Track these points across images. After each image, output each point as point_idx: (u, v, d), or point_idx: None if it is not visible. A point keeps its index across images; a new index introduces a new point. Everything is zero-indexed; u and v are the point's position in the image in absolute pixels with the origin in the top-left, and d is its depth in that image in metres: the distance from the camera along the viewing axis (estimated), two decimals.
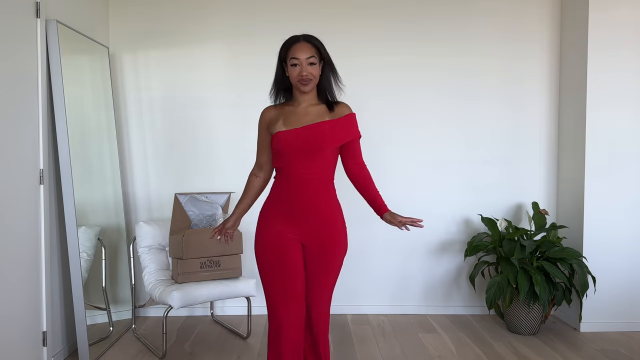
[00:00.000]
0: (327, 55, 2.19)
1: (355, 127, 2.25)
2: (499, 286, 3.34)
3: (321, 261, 2.21)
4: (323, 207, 2.20)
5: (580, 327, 3.53)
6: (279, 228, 2.19)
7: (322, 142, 2.15)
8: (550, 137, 3.87)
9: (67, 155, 2.88)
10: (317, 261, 2.21)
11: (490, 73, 3.83)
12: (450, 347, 3.25)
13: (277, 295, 2.17)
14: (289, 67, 2.15)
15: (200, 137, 3.81)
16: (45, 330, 2.78)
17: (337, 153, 2.25)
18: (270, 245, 2.20)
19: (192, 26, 3.77)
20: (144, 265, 3.30)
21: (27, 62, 2.66)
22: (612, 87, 3.48)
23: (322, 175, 2.20)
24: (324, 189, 2.21)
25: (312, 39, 2.17)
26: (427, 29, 3.80)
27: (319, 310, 2.27)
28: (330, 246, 2.21)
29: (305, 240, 2.20)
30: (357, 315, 3.84)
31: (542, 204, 3.87)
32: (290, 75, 2.17)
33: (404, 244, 3.89)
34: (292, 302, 2.16)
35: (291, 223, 2.18)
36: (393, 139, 3.84)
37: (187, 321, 3.74)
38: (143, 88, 3.79)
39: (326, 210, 2.21)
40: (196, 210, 3.30)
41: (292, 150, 2.15)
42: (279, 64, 2.23)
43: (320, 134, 2.15)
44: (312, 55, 2.13)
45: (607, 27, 3.44)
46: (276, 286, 2.18)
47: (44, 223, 2.76)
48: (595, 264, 3.52)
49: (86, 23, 3.37)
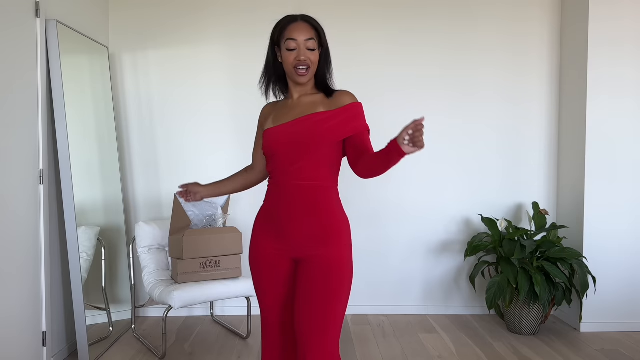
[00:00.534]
0: (326, 42, 1.88)
1: (360, 118, 1.83)
2: (499, 286, 3.34)
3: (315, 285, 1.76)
4: (319, 220, 1.80)
5: (580, 327, 3.53)
6: (266, 244, 1.87)
7: (314, 137, 1.76)
8: (551, 137, 3.87)
9: (67, 155, 2.88)
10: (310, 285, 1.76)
11: (491, 73, 3.83)
12: (450, 347, 3.25)
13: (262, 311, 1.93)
14: (284, 51, 1.81)
15: (200, 137, 3.81)
16: (45, 330, 2.78)
17: (338, 151, 1.84)
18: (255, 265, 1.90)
19: (192, 26, 3.77)
20: (144, 265, 3.30)
21: (27, 62, 2.66)
22: (613, 87, 3.47)
23: (319, 180, 1.81)
24: (321, 196, 1.81)
25: (312, 20, 1.85)
26: (428, 30, 3.80)
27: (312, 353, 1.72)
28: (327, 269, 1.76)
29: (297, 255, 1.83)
30: (357, 315, 3.84)
31: (542, 204, 3.87)
32: (284, 62, 1.82)
33: (404, 244, 3.89)
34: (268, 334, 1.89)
35: (281, 239, 1.84)
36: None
37: (187, 321, 3.73)
38: (143, 88, 3.79)
39: (323, 225, 1.80)
40: (196, 210, 3.30)
41: (279, 150, 1.82)
42: (271, 48, 1.88)
43: (311, 127, 1.77)
44: (311, 37, 1.79)
45: (607, 27, 3.44)
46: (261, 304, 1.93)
47: (44, 223, 2.75)
48: (596, 264, 3.52)
49: (86, 23, 3.37)
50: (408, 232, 3.89)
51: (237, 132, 3.80)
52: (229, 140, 3.82)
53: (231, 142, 3.81)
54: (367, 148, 1.80)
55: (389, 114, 3.81)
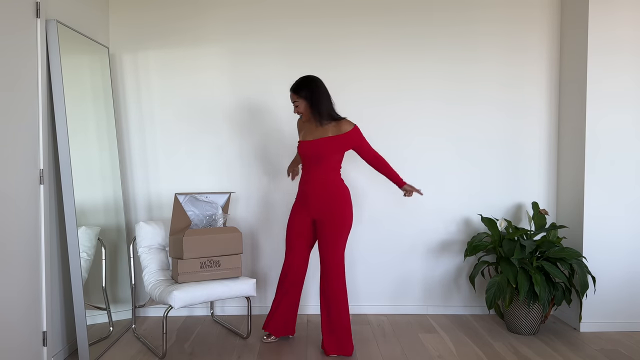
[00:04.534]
0: (306, 92, 3.00)
1: (356, 139, 3.05)
2: (499, 286, 3.34)
3: (326, 228, 3.05)
4: (326, 194, 3.07)
5: (580, 327, 3.54)
6: (297, 209, 3.20)
7: (325, 153, 3.03)
8: (550, 137, 3.87)
9: (67, 155, 2.88)
10: (324, 228, 3.06)
11: (491, 73, 3.83)
12: (450, 347, 3.25)
13: (287, 247, 3.22)
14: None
15: (200, 137, 3.81)
16: (45, 330, 2.78)
17: (340, 155, 3.08)
18: (290, 219, 3.23)
19: (193, 26, 3.77)
20: (144, 265, 3.30)
21: (27, 62, 2.66)
22: (612, 86, 3.48)
23: (328, 172, 3.08)
24: (328, 180, 3.08)
25: (293, 87, 3.05)
26: (428, 34, 3.80)
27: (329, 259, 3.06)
28: (332, 218, 3.05)
29: (316, 216, 3.11)
30: (357, 315, 3.84)
31: (542, 204, 3.88)
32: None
33: (404, 244, 3.89)
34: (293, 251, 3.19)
35: (305, 205, 3.14)
36: (394, 141, 3.84)
37: (187, 321, 3.74)
38: (143, 88, 3.79)
39: (328, 196, 3.07)
40: (196, 210, 3.30)
41: (305, 157, 3.10)
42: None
43: (321, 148, 3.03)
44: (294, 100, 3.06)
45: (607, 27, 3.45)
46: (287, 242, 3.22)
47: (44, 223, 2.76)
48: (595, 263, 3.52)
49: (86, 23, 3.37)
50: (408, 232, 3.89)
51: (236, 132, 3.81)
52: (229, 141, 3.82)
53: (231, 142, 3.82)
54: (365, 151, 3.11)
55: (390, 116, 3.82)
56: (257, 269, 3.87)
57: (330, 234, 3.05)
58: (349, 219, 3.08)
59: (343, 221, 3.06)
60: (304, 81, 3.04)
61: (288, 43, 3.79)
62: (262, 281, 3.83)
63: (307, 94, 3.01)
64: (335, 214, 3.05)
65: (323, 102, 3.00)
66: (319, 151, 3.02)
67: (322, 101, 3.00)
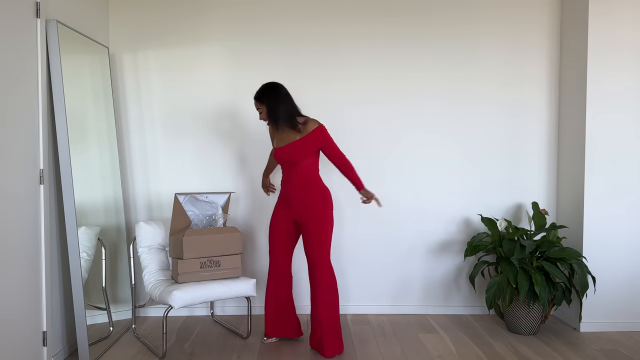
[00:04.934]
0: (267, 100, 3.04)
1: (323, 137, 3.06)
2: (499, 286, 3.34)
3: (309, 229, 3.10)
4: (306, 196, 3.11)
5: (580, 327, 3.54)
6: (279, 209, 3.23)
7: (297, 157, 3.07)
8: (550, 137, 3.87)
9: (67, 155, 2.88)
10: (307, 230, 3.11)
11: (491, 72, 3.83)
12: (450, 347, 3.25)
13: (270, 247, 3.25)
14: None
15: (199, 137, 3.81)
16: (45, 330, 2.78)
17: (316, 156, 3.12)
18: (273, 218, 3.25)
19: (193, 26, 3.77)
20: (144, 265, 3.30)
21: (27, 62, 2.66)
22: (612, 86, 3.48)
23: (305, 173, 3.11)
24: (308, 181, 3.12)
25: (255, 95, 3.10)
26: (428, 34, 3.80)
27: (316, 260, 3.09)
28: (313, 219, 3.09)
29: (297, 217, 3.15)
30: (357, 315, 3.84)
31: (542, 204, 3.88)
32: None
33: (403, 244, 3.89)
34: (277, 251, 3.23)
35: (288, 205, 3.18)
36: (394, 141, 3.84)
37: (187, 321, 3.74)
38: (143, 88, 3.79)
39: (308, 199, 3.11)
40: (196, 210, 3.30)
41: (282, 162, 3.14)
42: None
43: (293, 151, 3.07)
44: (257, 107, 3.11)
45: (607, 27, 3.45)
46: (270, 242, 3.25)
47: (44, 223, 2.76)
48: (595, 263, 3.52)
49: (86, 23, 3.37)
50: (408, 232, 3.89)
51: (236, 132, 3.81)
52: (229, 140, 3.82)
53: (231, 142, 3.82)
54: (332, 151, 3.11)
55: (390, 116, 3.82)
56: (257, 269, 3.87)
57: (314, 235, 3.08)
58: (330, 218, 3.12)
59: (324, 221, 3.09)
60: (265, 88, 3.08)
61: (288, 43, 3.79)
62: (262, 281, 3.83)
63: (267, 101, 3.05)
64: (317, 215, 3.08)
65: (281, 108, 3.02)
66: (292, 156, 3.05)
67: (279, 107, 3.02)
